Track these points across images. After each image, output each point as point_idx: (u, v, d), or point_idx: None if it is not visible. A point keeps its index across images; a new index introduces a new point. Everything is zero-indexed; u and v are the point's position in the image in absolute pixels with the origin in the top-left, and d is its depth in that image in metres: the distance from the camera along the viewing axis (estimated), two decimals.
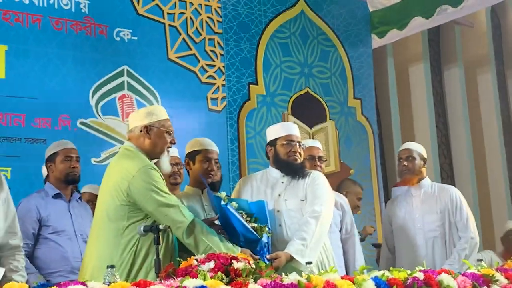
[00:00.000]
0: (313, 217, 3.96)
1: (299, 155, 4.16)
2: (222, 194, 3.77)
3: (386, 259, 5.04)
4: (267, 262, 3.57)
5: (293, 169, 4.16)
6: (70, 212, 4.20)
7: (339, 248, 4.75)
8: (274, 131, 4.27)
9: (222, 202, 3.67)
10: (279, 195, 4.12)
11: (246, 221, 3.75)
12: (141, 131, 3.61)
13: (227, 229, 3.70)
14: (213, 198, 3.76)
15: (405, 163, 4.96)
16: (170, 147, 3.69)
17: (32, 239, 4.05)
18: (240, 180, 4.41)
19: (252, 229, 3.72)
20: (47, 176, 4.49)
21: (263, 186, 4.18)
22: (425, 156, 5.05)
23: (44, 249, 4.05)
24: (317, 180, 4.15)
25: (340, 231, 4.84)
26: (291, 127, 4.27)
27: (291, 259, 3.79)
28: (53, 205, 4.16)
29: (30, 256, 4.01)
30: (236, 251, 3.44)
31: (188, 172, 4.23)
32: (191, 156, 4.17)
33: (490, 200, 9.50)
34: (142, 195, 3.40)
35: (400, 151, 5.09)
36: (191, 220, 3.44)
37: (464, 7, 7.07)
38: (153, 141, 3.61)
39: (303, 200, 4.08)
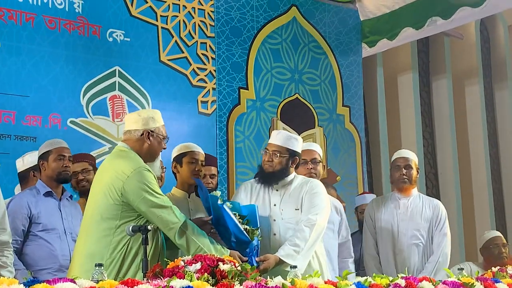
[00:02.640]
0: (308, 226, 4.01)
1: (269, 164, 4.21)
2: (218, 193, 3.82)
3: (372, 258, 5.05)
4: (256, 265, 3.63)
5: (263, 176, 4.23)
6: (60, 211, 4.22)
7: (335, 253, 4.82)
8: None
9: (219, 202, 3.73)
10: (275, 204, 4.18)
11: (239, 222, 3.81)
12: (142, 134, 3.68)
13: (219, 230, 3.76)
14: (208, 197, 3.81)
15: (404, 171, 4.99)
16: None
17: (21, 236, 4.06)
18: (241, 185, 4.45)
19: (244, 231, 3.78)
20: (32, 174, 4.50)
21: (261, 192, 4.25)
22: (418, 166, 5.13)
23: (33, 246, 4.07)
24: (315, 188, 4.21)
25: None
26: (272, 136, 4.32)
27: (280, 262, 3.85)
28: (44, 203, 4.18)
29: (19, 253, 4.03)
30: (225, 253, 3.51)
31: (175, 175, 4.29)
32: (178, 159, 4.24)
33: (474, 211, 9.59)
34: (136, 195, 3.45)
35: (397, 158, 5.07)
36: (183, 221, 3.50)
37: (454, 20, 7.15)
38: (152, 146, 3.70)
39: (298, 210, 4.14)
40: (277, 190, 4.22)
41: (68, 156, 4.31)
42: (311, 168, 4.73)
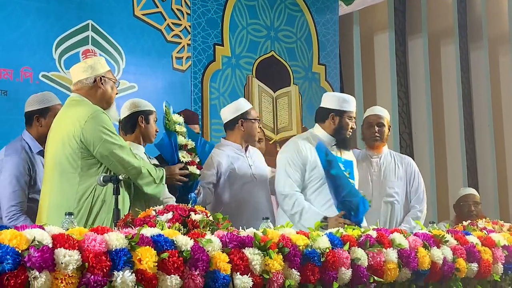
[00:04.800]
0: None
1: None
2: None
3: None
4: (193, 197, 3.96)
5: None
6: None
7: None
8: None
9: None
10: None
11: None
12: (94, 81, 3.66)
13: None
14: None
15: (377, 129, 4.97)
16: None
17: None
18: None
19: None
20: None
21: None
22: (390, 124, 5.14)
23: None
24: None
25: None
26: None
27: None
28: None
29: None
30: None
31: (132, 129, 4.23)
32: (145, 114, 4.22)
33: (446, 170, 9.68)
34: (96, 139, 3.46)
35: (370, 116, 5.05)
36: (142, 163, 3.60)
37: None
38: (106, 91, 3.71)
39: None
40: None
41: None
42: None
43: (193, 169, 4.00)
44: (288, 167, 4.29)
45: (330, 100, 4.52)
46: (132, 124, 4.14)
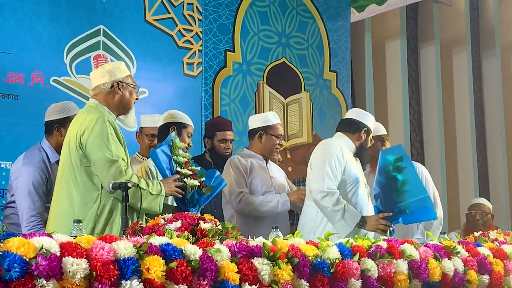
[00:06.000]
0: None
1: None
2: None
3: None
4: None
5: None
6: None
7: None
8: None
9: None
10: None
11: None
12: (112, 87, 3.59)
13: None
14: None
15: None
16: (134, 103, 3.73)
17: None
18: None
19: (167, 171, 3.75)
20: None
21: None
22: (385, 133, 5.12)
23: None
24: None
25: None
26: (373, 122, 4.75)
27: None
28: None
29: None
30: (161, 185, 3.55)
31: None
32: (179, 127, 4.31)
33: (458, 179, 9.64)
34: (90, 146, 3.39)
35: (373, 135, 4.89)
36: (131, 175, 3.40)
37: None
38: (124, 96, 3.62)
39: None
40: None
41: None
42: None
43: (191, 182, 3.71)
44: (327, 165, 4.30)
45: (366, 117, 4.64)
46: (164, 134, 4.16)
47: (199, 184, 3.74)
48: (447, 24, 9.83)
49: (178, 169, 3.72)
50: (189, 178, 3.69)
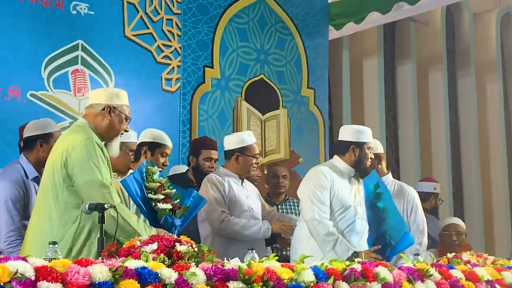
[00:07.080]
0: None
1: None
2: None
3: None
4: None
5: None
6: None
7: None
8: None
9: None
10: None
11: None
12: (103, 109, 3.57)
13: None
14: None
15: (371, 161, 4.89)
16: (123, 134, 3.68)
17: None
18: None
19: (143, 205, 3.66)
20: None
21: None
22: (382, 151, 5.12)
23: None
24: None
25: None
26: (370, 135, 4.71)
27: None
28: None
29: None
30: (152, 231, 3.44)
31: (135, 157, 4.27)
32: (151, 147, 4.37)
33: None
34: (80, 166, 3.34)
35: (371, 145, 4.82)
36: (116, 204, 3.32)
37: (421, 5, 7.20)
38: (112, 123, 3.58)
39: None
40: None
41: None
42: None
43: (162, 206, 3.62)
44: (315, 194, 4.38)
45: (349, 133, 4.63)
46: (138, 153, 4.19)
47: (171, 207, 3.68)
48: (424, 42, 9.95)
49: (150, 195, 3.65)
50: (161, 203, 3.66)
